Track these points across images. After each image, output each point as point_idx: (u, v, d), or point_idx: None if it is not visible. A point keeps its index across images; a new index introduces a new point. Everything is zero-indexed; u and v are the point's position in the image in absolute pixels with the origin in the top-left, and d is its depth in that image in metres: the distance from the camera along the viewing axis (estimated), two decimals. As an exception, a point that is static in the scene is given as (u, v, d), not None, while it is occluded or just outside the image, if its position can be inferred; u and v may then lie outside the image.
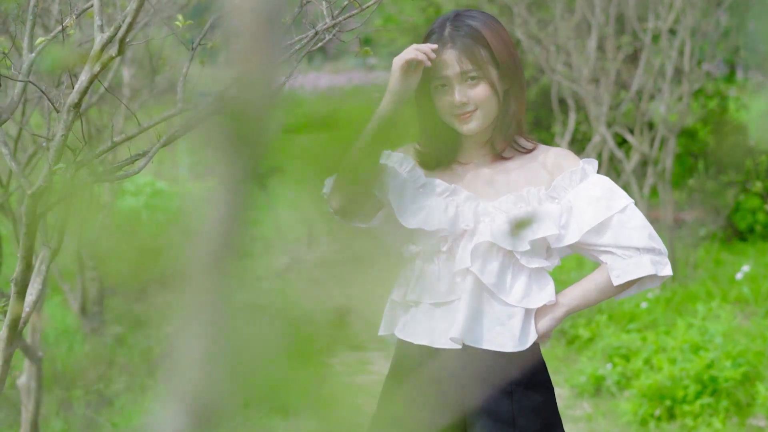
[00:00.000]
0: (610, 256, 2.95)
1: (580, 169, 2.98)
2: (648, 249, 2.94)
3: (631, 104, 9.28)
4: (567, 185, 2.96)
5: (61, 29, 2.90)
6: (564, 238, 2.93)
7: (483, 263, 2.91)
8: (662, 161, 8.96)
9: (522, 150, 3.04)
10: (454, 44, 2.93)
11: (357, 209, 3.05)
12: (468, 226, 2.93)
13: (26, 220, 2.86)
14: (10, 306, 2.94)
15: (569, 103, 9.81)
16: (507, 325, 2.93)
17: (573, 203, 2.94)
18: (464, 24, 2.96)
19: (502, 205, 2.95)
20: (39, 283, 3.05)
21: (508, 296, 2.93)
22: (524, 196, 2.95)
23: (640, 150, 8.99)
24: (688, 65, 8.82)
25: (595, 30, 9.19)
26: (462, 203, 2.97)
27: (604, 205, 2.93)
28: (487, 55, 2.94)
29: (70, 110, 2.77)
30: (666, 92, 8.79)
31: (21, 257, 2.88)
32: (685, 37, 8.72)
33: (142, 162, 2.95)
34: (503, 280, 2.92)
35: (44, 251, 3.06)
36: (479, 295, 2.93)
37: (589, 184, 2.96)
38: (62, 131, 2.79)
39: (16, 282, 2.91)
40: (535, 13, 9.94)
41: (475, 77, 2.93)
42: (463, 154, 3.07)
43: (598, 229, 2.93)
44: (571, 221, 2.94)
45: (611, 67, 9.18)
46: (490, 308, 2.93)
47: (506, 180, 3.00)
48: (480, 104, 2.94)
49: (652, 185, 9.10)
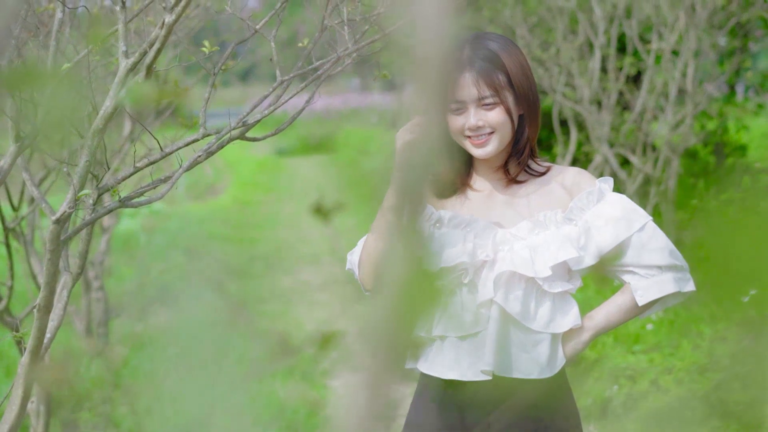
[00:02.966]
0: (632, 275, 2.94)
1: (597, 189, 2.95)
2: (669, 266, 2.93)
3: (633, 125, 9.30)
4: (584, 206, 2.94)
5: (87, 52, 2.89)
6: (584, 260, 2.91)
7: (506, 292, 2.89)
8: (665, 182, 8.97)
9: (535, 173, 3.02)
10: (472, 67, 2.90)
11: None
12: (488, 257, 2.91)
13: (49, 246, 2.85)
14: (32, 332, 2.93)
15: (571, 123, 9.82)
16: (534, 352, 2.92)
17: (591, 224, 2.92)
18: (483, 47, 2.93)
19: (520, 232, 2.93)
20: (60, 309, 3.04)
21: (534, 323, 2.91)
22: (541, 221, 2.93)
23: (642, 171, 9.00)
24: (691, 86, 8.84)
25: (597, 51, 9.21)
26: (480, 233, 2.95)
27: (624, 225, 2.91)
28: (505, 80, 2.92)
29: (95, 136, 2.76)
30: (669, 113, 8.81)
31: (45, 283, 2.87)
32: (688, 59, 8.74)
33: (165, 187, 2.94)
34: (527, 307, 2.91)
35: (65, 277, 3.04)
36: (505, 324, 2.91)
37: (607, 204, 2.94)
38: (86, 157, 2.79)
39: (39, 308, 2.90)
40: (538, 35, 9.96)
41: (492, 102, 2.92)
42: (477, 180, 3.05)
43: (619, 250, 2.91)
44: (590, 243, 2.92)
45: (613, 87, 9.20)
46: (517, 336, 2.92)
47: (523, 205, 2.98)
48: (496, 128, 2.92)
49: (655, 205, 9.11)
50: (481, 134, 2.92)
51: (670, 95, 8.81)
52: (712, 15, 8.94)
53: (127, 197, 2.91)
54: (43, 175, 5.07)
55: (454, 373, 2.95)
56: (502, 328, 2.90)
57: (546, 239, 2.90)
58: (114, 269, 10.16)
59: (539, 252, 2.88)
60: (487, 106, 2.91)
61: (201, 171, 18.89)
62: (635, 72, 9.65)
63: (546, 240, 2.90)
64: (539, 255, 2.88)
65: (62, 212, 2.79)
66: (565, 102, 9.39)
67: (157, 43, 2.55)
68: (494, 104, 2.91)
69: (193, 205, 16.40)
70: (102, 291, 7.55)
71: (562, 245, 2.89)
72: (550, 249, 2.89)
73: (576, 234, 2.91)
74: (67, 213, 2.81)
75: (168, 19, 2.52)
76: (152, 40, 2.65)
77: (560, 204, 2.96)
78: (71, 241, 3.39)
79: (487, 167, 3.03)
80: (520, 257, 2.88)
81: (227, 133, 3.00)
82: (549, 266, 2.87)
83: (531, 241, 2.91)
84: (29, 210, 5.10)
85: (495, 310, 2.90)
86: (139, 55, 2.76)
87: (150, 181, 3.04)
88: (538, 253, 2.88)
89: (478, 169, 3.04)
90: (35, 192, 3.02)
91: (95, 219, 2.85)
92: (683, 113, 8.90)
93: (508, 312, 2.89)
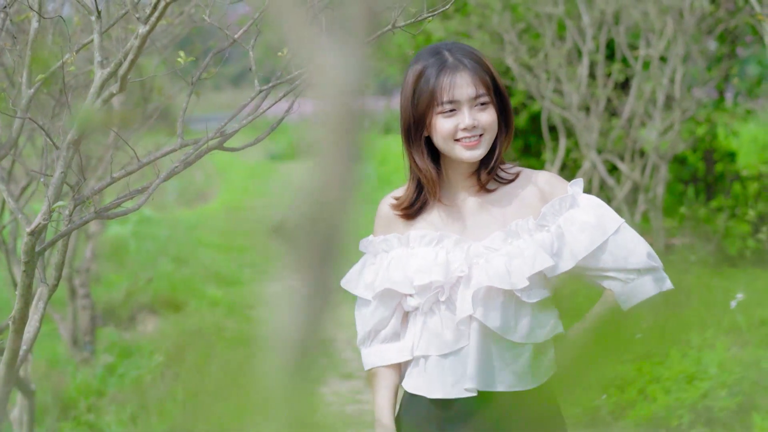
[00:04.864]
0: (612, 281, 2.91)
1: (569, 196, 2.93)
2: (648, 269, 2.91)
3: (621, 131, 9.29)
4: (556, 211, 2.91)
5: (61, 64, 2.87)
6: (558, 267, 2.89)
7: (485, 308, 2.87)
8: (653, 189, 8.96)
9: (504, 180, 2.99)
10: (466, 66, 2.88)
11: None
12: (462, 272, 2.89)
13: (24, 258, 2.83)
14: (8, 344, 2.90)
15: (559, 130, 9.80)
16: (517, 365, 2.90)
17: (564, 229, 2.89)
18: (465, 50, 2.92)
19: (493, 243, 2.90)
20: (36, 321, 3.01)
21: (515, 335, 2.89)
22: (514, 230, 2.91)
23: (631, 177, 8.99)
24: (679, 92, 8.83)
25: (585, 57, 9.19)
26: (451, 249, 2.92)
27: (599, 230, 2.89)
28: (491, 82, 2.91)
29: (70, 147, 2.73)
30: (657, 119, 8.80)
31: (19, 295, 2.84)
32: (676, 65, 8.73)
33: (141, 199, 2.91)
34: (507, 320, 2.88)
35: (42, 288, 3.02)
36: (486, 339, 2.89)
37: (580, 209, 2.91)
38: (61, 168, 2.76)
39: (14, 320, 2.87)
40: (526, 41, 9.94)
41: (485, 101, 2.89)
42: (447, 193, 3.01)
43: (595, 254, 2.89)
44: (563, 248, 2.89)
45: (602, 94, 9.19)
46: (499, 350, 2.90)
47: (495, 214, 2.96)
48: (486, 130, 2.89)
49: (643, 212, 9.10)
50: (473, 135, 2.88)
51: (657, 101, 8.80)
52: (700, 21, 8.94)
53: (103, 208, 2.88)
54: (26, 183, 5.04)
55: (439, 392, 2.94)
56: (483, 343, 2.88)
57: (520, 248, 2.87)
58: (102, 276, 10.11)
59: (514, 263, 2.86)
60: (481, 107, 2.89)
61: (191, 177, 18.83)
62: (623, 78, 9.64)
63: (521, 249, 2.87)
64: (515, 267, 2.85)
65: (37, 224, 2.76)
66: (554, 108, 9.37)
67: (131, 54, 2.52)
68: (486, 104, 2.89)
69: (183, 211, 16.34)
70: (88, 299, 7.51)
71: (537, 254, 2.86)
72: (526, 259, 2.85)
73: (549, 240, 2.89)
74: (42, 225, 2.78)
75: (142, 30, 2.49)
76: (127, 50, 2.63)
77: (532, 211, 2.93)
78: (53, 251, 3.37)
79: (458, 176, 2.99)
80: (496, 271, 2.85)
81: (205, 143, 2.97)
82: (526, 277, 2.84)
83: (505, 251, 2.88)
84: (10, 219, 5.07)
85: (475, 326, 2.88)
86: (115, 66, 2.73)
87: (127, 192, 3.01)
88: (513, 265, 2.85)
89: (449, 180, 3.01)
90: (11, 203, 2.99)
91: (71, 231, 2.83)
92: (671, 119, 8.89)
93: (489, 327, 2.86)
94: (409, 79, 2.93)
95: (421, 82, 2.89)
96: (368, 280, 3.03)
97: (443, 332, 2.92)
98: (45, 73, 2.85)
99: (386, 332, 3.02)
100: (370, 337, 3.04)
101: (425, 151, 2.95)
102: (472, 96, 2.87)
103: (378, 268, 3.01)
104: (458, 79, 2.87)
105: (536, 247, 2.86)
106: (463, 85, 2.87)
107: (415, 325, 2.97)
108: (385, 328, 3.02)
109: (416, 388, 2.98)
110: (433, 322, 2.93)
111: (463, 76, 2.87)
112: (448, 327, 2.91)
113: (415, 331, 2.97)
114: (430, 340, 2.94)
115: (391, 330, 3.02)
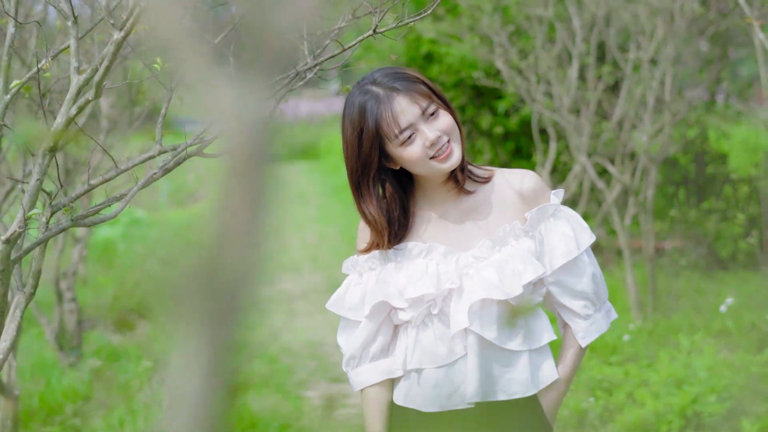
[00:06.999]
0: (572, 314, 2.97)
1: (553, 205, 2.95)
2: (601, 305, 2.99)
3: (612, 134, 9.26)
4: (540, 218, 2.93)
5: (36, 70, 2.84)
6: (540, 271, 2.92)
7: (481, 321, 2.86)
8: (643, 191, 8.94)
9: (480, 179, 2.98)
10: (398, 91, 2.84)
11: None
12: (454, 284, 2.88)
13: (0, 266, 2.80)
14: (-17, 354, 2.87)
15: (550, 132, 9.78)
16: (515, 371, 2.90)
17: (544, 236, 2.92)
18: (387, 74, 2.88)
19: (482, 252, 2.90)
20: (13, 330, 2.98)
21: (512, 343, 2.90)
22: (501, 236, 2.90)
23: (621, 180, 8.97)
24: (670, 95, 8.81)
25: (575, 60, 9.17)
26: (441, 260, 2.91)
27: (574, 244, 2.93)
28: (427, 89, 2.88)
29: (46, 154, 2.70)
30: (647, 122, 8.77)
31: (-6, 304, 2.81)
32: (667, 68, 8.71)
33: (120, 206, 2.88)
34: (503, 329, 2.89)
35: (19, 296, 2.99)
36: (484, 350, 2.88)
37: (560, 220, 2.94)
38: (37, 175, 2.73)
39: (-11, 329, 2.84)
40: (516, 43, 9.92)
41: (434, 109, 2.86)
42: (425, 203, 3.00)
43: (567, 267, 2.93)
44: (543, 254, 2.92)
45: (592, 96, 9.16)
46: (496, 359, 2.90)
47: (478, 221, 2.95)
48: (450, 133, 2.87)
49: (633, 215, 9.07)
50: (441, 146, 2.86)
51: (648, 104, 8.78)
52: (691, 23, 8.92)
53: (80, 216, 2.85)
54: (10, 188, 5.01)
55: (435, 406, 2.93)
56: (481, 354, 2.88)
57: (510, 255, 2.88)
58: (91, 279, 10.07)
59: (506, 272, 2.85)
60: (433, 116, 2.86)
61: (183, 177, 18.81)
62: (614, 81, 9.62)
63: (511, 256, 2.88)
64: (506, 276, 2.85)
65: (12, 232, 2.73)
66: (544, 111, 9.35)
67: (106, 61, 2.49)
68: (436, 111, 2.87)
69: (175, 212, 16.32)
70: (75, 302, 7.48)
71: (527, 262, 2.86)
72: (516, 267, 2.85)
73: (534, 246, 2.91)
74: (17, 233, 2.75)
75: (117, 36, 2.46)
76: (102, 56, 2.60)
77: (513, 212, 2.94)
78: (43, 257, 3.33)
79: (435, 185, 2.97)
80: (489, 282, 2.85)
81: (183, 150, 2.95)
82: (521, 285, 2.84)
83: (494, 259, 2.87)
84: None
85: (472, 338, 2.87)
86: (91, 72, 2.71)
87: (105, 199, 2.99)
88: (505, 274, 2.85)
89: (425, 191, 2.98)
90: (-13, 210, 2.96)
91: (47, 238, 2.80)
92: (662, 122, 8.87)
93: (486, 338, 2.85)
94: (348, 129, 2.88)
95: (363, 126, 2.84)
96: (354, 301, 3.01)
97: (437, 345, 2.90)
98: (21, 80, 2.82)
99: (375, 349, 2.99)
100: (356, 356, 3.01)
101: (377, 194, 2.92)
102: (419, 113, 2.84)
103: (365, 287, 2.98)
104: (397, 106, 2.83)
105: (524, 254, 2.87)
106: (406, 109, 2.83)
107: (407, 338, 2.95)
108: (373, 344, 2.99)
109: (409, 401, 2.96)
110: (426, 335, 2.92)
111: (400, 101, 2.83)
112: (441, 340, 2.90)
113: (407, 345, 2.95)
114: (423, 353, 2.92)
115: (379, 346, 3.00)
